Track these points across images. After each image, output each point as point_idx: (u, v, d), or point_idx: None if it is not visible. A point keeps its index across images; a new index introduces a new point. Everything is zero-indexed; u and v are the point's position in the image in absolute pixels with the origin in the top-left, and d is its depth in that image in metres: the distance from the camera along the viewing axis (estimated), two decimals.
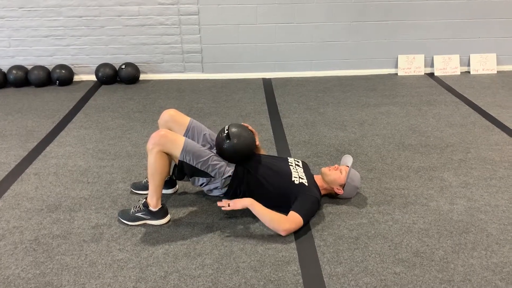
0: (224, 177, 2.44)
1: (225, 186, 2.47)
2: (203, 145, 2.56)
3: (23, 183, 2.86)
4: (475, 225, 2.41)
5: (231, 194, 2.50)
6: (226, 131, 2.46)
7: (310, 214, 2.41)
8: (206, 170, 2.41)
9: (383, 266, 2.12)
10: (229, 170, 2.45)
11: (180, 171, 2.42)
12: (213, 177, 2.43)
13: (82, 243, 2.30)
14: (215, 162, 2.42)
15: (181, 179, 2.51)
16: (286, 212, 2.37)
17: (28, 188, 2.80)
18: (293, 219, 2.32)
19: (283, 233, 2.32)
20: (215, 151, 2.54)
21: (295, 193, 2.42)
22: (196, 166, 2.38)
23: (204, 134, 2.64)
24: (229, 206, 2.36)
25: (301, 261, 2.17)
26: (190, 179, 2.49)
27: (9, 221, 2.48)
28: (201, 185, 2.50)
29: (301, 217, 2.33)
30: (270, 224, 2.33)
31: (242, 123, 2.59)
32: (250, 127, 2.57)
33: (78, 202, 2.65)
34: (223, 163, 2.46)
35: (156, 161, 2.32)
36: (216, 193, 2.52)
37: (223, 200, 2.41)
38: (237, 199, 2.39)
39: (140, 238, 2.34)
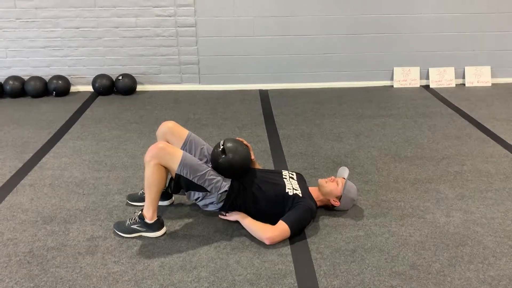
0: (220, 192, 2.43)
1: (221, 201, 2.46)
2: (200, 159, 2.56)
3: (18, 194, 2.84)
4: (471, 238, 2.41)
5: (227, 209, 2.49)
6: (221, 146, 2.46)
7: (300, 223, 2.40)
8: (202, 185, 2.40)
9: (379, 279, 2.11)
10: (225, 185, 2.45)
11: (176, 184, 2.42)
12: (209, 191, 2.43)
13: (77, 255, 2.28)
14: (211, 177, 2.42)
15: (176, 192, 2.51)
16: None
17: (23, 200, 2.78)
18: (278, 227, 2.35)
19: (267, 241, 2.33)
20: (210, 164, 2.54)
21: (289, 204, 2.43)
22: (193, 180, 2.38)
23: (202, 148, 2.64)
24: (225, 215, 2.50)
25: (297, 274, 2.15)
26: (185, 193, 2.48)
27: (3, 233, 2.46)
28: (196, 199, 2.49)
29: (288, 225, 2.34)
30: (255, 233, 2.38)
31: (237, 138, 2.60)
32: (245, 142, 2.58)
33: (73, 213, 2.64)
34: (219, 178, 2.45)
35: (154, 173, 2.32)
36: (211, 208, 2.51)
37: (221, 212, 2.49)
38: (228, 213, 2.50)
39: (135, 250, 2.32)
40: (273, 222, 2.39)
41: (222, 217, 2.51)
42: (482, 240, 2.39)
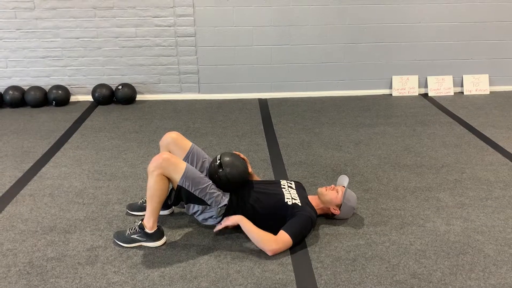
0: (220, 206, 2.44)
1: (220, 215, 2.46)
2: (201, 172, 2.56)
3: (18, 204, 2.84)
4: (472, 246, 2.41)
5: None
6: (218, 161, 2.47)
7: (301, 233, 2.40)
8: (203, 198, 2.40)
9: None
10: (225, 199, 2.46)
11: (177, 196, 2.41)
12: (209, 205, 2.43)
13: (77, 265, 2.27)
14: (212, 191, 2.43)
15: (176, 204, 2.52)
16: None
17: (22, 210, 2.77)
18: (281, 239, 2.33)
19: (270, 253, 2.32)
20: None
21: (289, 214, 2.43)
22: (194, 193, 2.38)
23: (203, 161, 2.65)
24: (220, 224, 2.43)
25: (298, 283, 2.15)
26: (185, 205, 2.48)
27: (2, 243, 2.45)
28: (195, 213, 2.48)
29: (290, 236, 2.34)
30: (258, 244, 2.35)
31: (234, 152, 2.61)
32: (241, 155, 2.59)
33: (73, 223, 2.63)
34: (219, 192, 2.46)
35: (156, 183, 2.32)
36: (210, 222, 2.51)
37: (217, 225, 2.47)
38: (227, 217, 2.44)
39: (135, 260, 2.31)
40: (274, 231, 2.38)
41: (219, 227, 2.44)
42: (482, 249, 2.39)
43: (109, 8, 4.51)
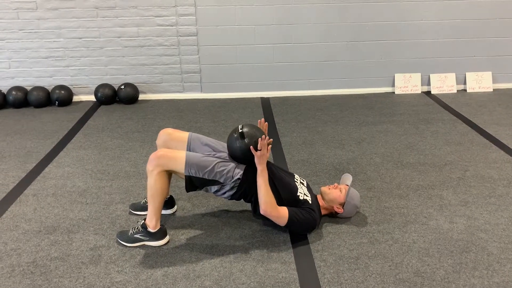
0: (233, 180, 2.39)
1: (234, 188, 2.41)
2: (208, 154, 2.49)
3: (21, 204, 2.85)
4: (475, 244, 2.40)
5: (238, 196, 2.45)
6: (240, 131, 2.39)
7: (299, 223, 2.39)
8: (214, 178, 2.37)
9: (384, 287, 2.10)
10: (238, 172, 2.39)
11: (190, 185, 2.39)
12: (222, 183, 2.40)
13: (80, 265, 2.28)
14: (221, 168, 2.37)
15: (194, 190, 2.46)
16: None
17: (26, 210, 2.78)
18: (279, 211, 2.35)
19: (261, 212, 2.34)
20: (219, 155, 2.48)
21: (299, 207, 2.42)
22: (204, 177, 2.35)
23: (206, 143, 2.58)
24: (260, 151, 2.31)
25: (301, 282, 2.15)
26: (202, 189, 2.46)
27: (6, 243, 2.46)
28: (215, 192, 2.45)
29: (288, 217, 2.35)
30: (259, 197, 2.34)
31: (259, 121, 2.58)
32: (265, 125, 2.56)
33: (76, 223, 2.64)
34: (229, 167, 2.39)
35: (156, 182, 2.32)
36: (227, 195, 2.46)
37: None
38: (262, 155, 2.31)
39: (139, 259, 2.32)
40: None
41: (258, 148, 2.30)
42: (486, 247, 2.38)
43: (111, 8, 4.51)
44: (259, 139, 2.30)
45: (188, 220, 2.67)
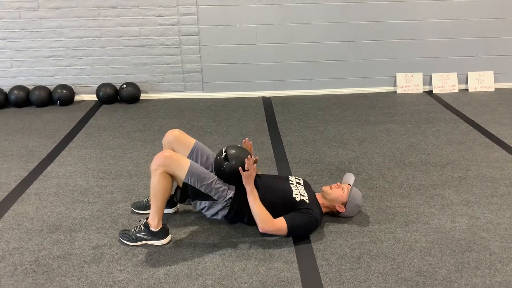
0: (225, 199, 2.44)
1: (226, 208, 2.46)
2: (206, 168, 2.57)
3: (23, 203, 2.85)
4: (477, 243, 2.40)
5: (232, 215, 2.49)
6: (224, 153, 2.47)
7: (301, 227, 2.40)
8: (209, 193, 2.41)
9: (386, 286, 2.10)
10: (230, 192, 2.46)
11: (183, 193, 2.42)
12: (215, 200, 2.43)
13: (83, 264, 2.28)
14: (218, 186, 2.43)
15: (182, 202, 2.51)
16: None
17: (28, 209, 2.79)
18: (277, 224, 2.37)
19: (260, 230, 2.39)
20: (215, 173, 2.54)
21: (296, 210, 2.43)
22: (200, 189, 2.39)
23: (208, 157, 2.65)
24: (244, 173, 2.37)
25: (303, 281, 2.15)
26: (191, 202, 2.48)
27: (9, 242, 2.47)
28: (202, 209, 2.49)
29: (287, 225, 2.36)
30: (255, 217, 2.39)
31: (243, 141, 2.61)
32: (249, 145, 2.59)
33: (78, 222, 2.64)
34: (225, 186, 2.47)
35: (160, 182, 2.32)
36: (220, 215, 2.52)
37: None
38: (248, 176, 2.38)
39: (141, 258, 2.32)
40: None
41: (247, 168, 2.37)
42: (488, 246, 2.38)
43: (112, 7, 4.52)
44: (246, 159, 2.36)
45: (190, 219, 2.67)
